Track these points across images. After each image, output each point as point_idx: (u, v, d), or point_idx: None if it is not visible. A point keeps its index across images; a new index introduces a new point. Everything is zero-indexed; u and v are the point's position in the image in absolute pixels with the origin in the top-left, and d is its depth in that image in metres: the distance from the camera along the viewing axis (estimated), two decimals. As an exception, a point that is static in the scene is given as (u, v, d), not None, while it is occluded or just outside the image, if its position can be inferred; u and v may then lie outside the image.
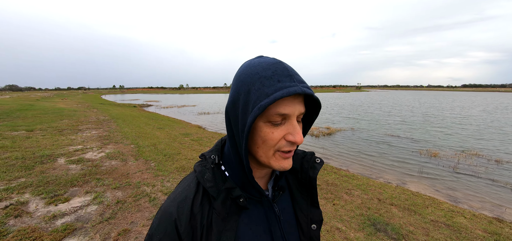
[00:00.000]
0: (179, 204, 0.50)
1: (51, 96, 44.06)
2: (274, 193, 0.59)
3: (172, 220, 0.48)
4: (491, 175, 6.21)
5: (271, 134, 0.47)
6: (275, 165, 0.49)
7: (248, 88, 0.46)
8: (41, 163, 4.45)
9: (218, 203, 0.50)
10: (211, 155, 0.56)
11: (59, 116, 11.91)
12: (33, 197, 3.08)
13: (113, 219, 2.65)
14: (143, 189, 3.45)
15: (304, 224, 0.60)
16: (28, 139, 6.44)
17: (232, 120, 0.50)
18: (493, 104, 34.11)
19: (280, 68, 0.47)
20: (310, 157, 0.64)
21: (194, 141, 7.80)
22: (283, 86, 0.44)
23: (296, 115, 0.48)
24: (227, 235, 0.49)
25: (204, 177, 0.52)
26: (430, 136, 11.15)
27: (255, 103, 0.44)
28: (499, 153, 8.38)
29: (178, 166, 4.69)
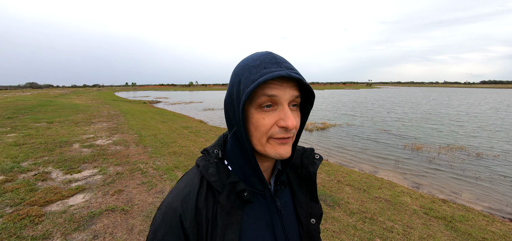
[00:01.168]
0: (183, 198, 0.50)
1: (68, 93, 46.63)
2: (276, 187, 0.60)
3: (177, 215, 0.48)
4: (465, 167, 6.63)
5: (262, 120, 0.47)
6: (271, 152, 0.49)
7: (239, 79, 0.48)
8: (60, 147, 5.43)
9: (222, 197, 0.50)
10: (214, 149, 0.57)
11: (75, 111, 13.16)
12: (54, 169, 4.01)
13: (112, 183, 3.52)
14: (138, 166, 4.33)
15: (303, 218, 0.61)
16: (49, 129, 7.52)
17: (230, 113, 0.52)
18: (507, 101, 33.18)
19: (269, 58, 0.48)
20: (309, 153, 0.65)
21: (191, 132, 8.67)
22: (268, 72, 0.45)
23: (287, 100, 0.48)
24: (232, 228, 0.49)
25: (208, 171, 0.52)
26: (421, 132, 11.51)
27: (243, 90, 0.45)
28: (483, 148, 8.72)
29: (171, 151, 5.55)
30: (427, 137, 10.50)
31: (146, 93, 67.28)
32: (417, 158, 7.48)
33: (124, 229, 2.43)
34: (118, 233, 2.35)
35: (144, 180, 3.72)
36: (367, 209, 3.49)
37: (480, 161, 7.17)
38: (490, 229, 3.35)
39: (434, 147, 8.82)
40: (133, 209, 2.82)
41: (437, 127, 13.00)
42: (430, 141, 9.85)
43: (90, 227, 2.45)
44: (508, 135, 10.73)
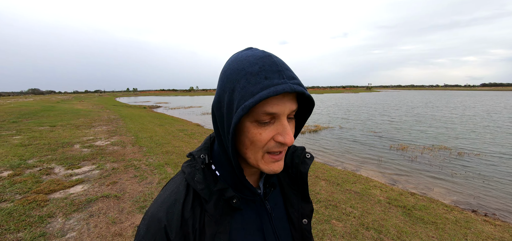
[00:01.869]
0: (168, 208, 0.47)
1: (70, 99, 47.35)
2: (265, 190, 0.58)
3: (162, 227, 0.45)
4: (444, 165, 6.99)
5: (259, 135, 0.44)
6: (264, 168, 0.47)
7: (233, 85, 0.43)
8: (62, 147, 5.90)
9: (210, 206, 0.48)
10: (201, 154, 0.53)
11: (76, 116, 13.68)
12: (57, 166, 4.47)
13: (108, 176, 3.98)
14: (132, 162, 4.79)
15: (295, 219, 0.60)
16: (51, 132, 8.00)
17: (218, 118, 0.48)
18: (502, 104, 33.52)
19: (268, 63, 0.43)
20: (300, 152, 0.63)
21: (187, 135, 9.14)
22: (271, 84, 0.41)
23: (287, 114, 0.45)
24: (221, 237, 0.47)
25: (194, 179, 0.49)
26: (410, 134, 11.91)
27: (239, 103, 0.41)
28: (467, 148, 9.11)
29: (164, 150, 6.01)
30: (414, 139, 10.90)
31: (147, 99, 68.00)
32: (400, 157, 7.88)
33: (116, 210, 2.87)
34: (110, 213, 2.80)
35: (136, 173, 4.18)
36: (334, 199, 3.91)
37: (460, 160, 7.56)
38: (445, 216, 3.76)
39: (419, 148, 9.21)
40: (125, 196, 3.28)
41: (426, 129, 13.39)
42: (416, 142, 10.25)
43: (87, 209, 2.90)
44: (494, 136, 11.11)
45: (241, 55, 0.46)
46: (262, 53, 0.46)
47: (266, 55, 0.45)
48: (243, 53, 0.47)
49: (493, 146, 9.20)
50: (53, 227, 2.51)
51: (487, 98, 51.61)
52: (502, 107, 26.43)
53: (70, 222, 2.62)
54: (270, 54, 0.46)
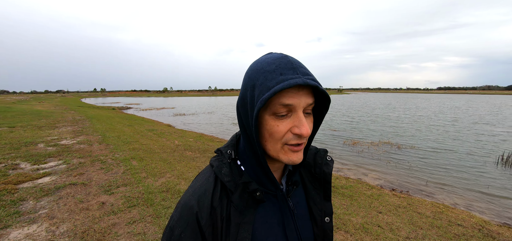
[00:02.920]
0: (199, 197, 0.51)
1: (28, 99, 43.52)
2: (288, 187, 0.61)
3: (194, 213, 0.50)
4: (382, 156, 8.25)
5: (276, 127, 0.48)
6: (284, 159, 0.50)
7: (253, 83, 0.48)
8: (25, 146, 6.00)
9: (236, 197, 0.52)
10: (227, 150, 0.58)
11: (37, 117, 13.10)
12: (22, 162, 4.70)
13: (75, 170, 4.35)
14: (99, 158, 5.17)
15: (318, 216, 0.63)
16: (11, 133, 7.85)
17: (243, 116, 0.52)
18: (448, 105, 37.97)
19: (284, 62, 0.48)
20: (323, 153, 0.66)
21: (155, 134, 9.46)
22: (285, 79, 0.45)
23: (302, 107, 0.48)
24: (245, 227, 0.51)
25: (221, 172, 0.54)
26: (363, 132, 13.41)
27: (258, 97, 0.46)
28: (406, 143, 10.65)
29: (131, 147, 6.39)
30: (366, 136, 12.34)
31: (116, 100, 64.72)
32: (350, 151, 9.05)
33: (83, 194, 3.34)
34: (78, 196, 3.27)
35: (102, 166, 4.60)
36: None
37: (397, 153, 8.92)
38: (364, 192, 4.74)
39: (367, 143, 10.57)
40: (91, 183, 3.73)
41: (379, 127, 15.08)
42: (367, 138, 11.66)
43: (56, 193, 3.33)
44: (432, 133, 12.95)
45: (261, 58, 0.52)
46: (279, 55, 0.50)
47: (283, 56, 0.50)
48: (262, 57, 0.52)
49: (429, 141, 10.82)
50: (25, 207, 2.93)
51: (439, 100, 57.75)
52: (448, 109, 30.09)
53: (41, 203, 3.06)
54: (286, 55, 0.50)
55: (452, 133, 12.90)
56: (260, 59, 0.51)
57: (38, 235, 2.39)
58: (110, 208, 2.99)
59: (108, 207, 3.01)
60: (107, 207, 3.00)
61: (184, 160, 5.56)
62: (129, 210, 2.96)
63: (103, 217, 2.75)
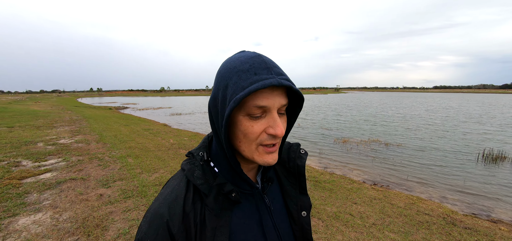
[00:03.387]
0: (170, 204, 0.49)
1: (23, 99, 43.37)
2: (263, 184, 0.61)
3: (164, 222, 0.47)
4: (369, 153, 8.66)
5: (251, 128, 0.47)
6: (258, 160, 0.50)
7: (226, 82, 0.47)
8: (25, 145, 6.27)
9: (210, 200, 0.51)
10: (199, 152, 0.57)
11: (35, 117, 13.29)
12: (24, 160, 4.99)
13: (74, 166, 4.65)
14: (96, 155, 5.46)
15: (294, 212, 0.62)
16: (10, 132, 8.10)
17: (214, 115, 0.51)
18: (441, 104, 38.62)
19: (258, 61, 0.47)
20: (296, 148, 0.67)
21: (151, 134, 9.75)
22: (259, 79, 0.44)
23: (277, 108, 0.48)
24: (222, 231, 0.50)
25: (194, 175, 0.52)
26: (354, 131, 13.82)
27: (231, 97, 0.45)
28: (394, 141, 11.06)
29: (127, 146, 6.69)
30: (356, 134, 12.74)
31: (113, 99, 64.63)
32: (339, 149, 9.42)
33: (82, 187, 3.65)
34: (78, 189, 3.58)
35: (100, 163, 4.91)
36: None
37: (384, 150, 9.32)
38: (344, 186, 5.09)
39: (357, 141, 10.96)
40: (90, 178, 4.04)
41: (370, 126, 15.52)
42: (357, 136, 12.06)
43: (57, 187, 3.63)
44: (421, 132, 13.37)
45: (234, 56, 0.51)
46: (253, 54, 0.50)
47: (256, 55, 0.49)
48: (235, 55, 0.51)
49: (416, 140, 11.22)
50: (30, 199, 3.23)
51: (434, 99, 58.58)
52: (442, 108, 30.65)
53: (44, 195, 3.36)
54: (260, 54, 0.49)
55: (440, 131, 13.34)
56: (233, 58, 0.50)
57: (44, 222, 2.70)
58: (107, 199, 3.31)
59: (105, 198, 3.33)
60: (104, 198, 3.32)
61: (177, 157, 5.88)
62: (125, 200, 3.28)
63: (101, 206, 3.07)
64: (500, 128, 14.43)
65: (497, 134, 12.55)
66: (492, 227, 3.66)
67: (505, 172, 6.96)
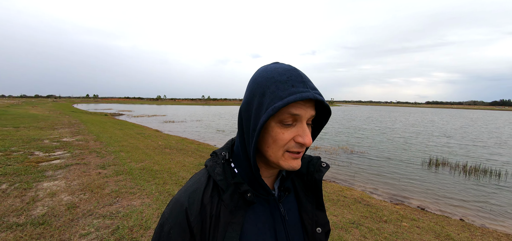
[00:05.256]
0: (190, 195, 0.54)
1: (20, 103, 44.07)
2: (280, 193, 0.62)
3: (183, 210, 0.52)
4: (334, 158, 10.06)
5: (281, 134, 0.50)
6: (284, 165, 0.53)
7: (263, 90, 0.50)
8: (34, 141, 7.48)
9: (226, 196, 0.54)
10: (222, 152, 0.60)
11: (36, 120, 14.41)
12: (36, 151, 6.21)
13: (77, 156, 5.90)
14: (95, 150, 6.72)
15: (309, 226, 0.63)
16: (18, 132, 9.27)
17: (244, 120, 0.54)
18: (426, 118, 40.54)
19: (295, 75, 0.51)
20: (316, 161, 0.67)
21: (143, 136, 11.00)
22: (297, 91, 0.48)
23: (307, 118, 0.51)
24: (234, 227, 0.52)
25: (214, 171, 0.56)
26: (332, 140, 15.23)
27: (269, 105, 0.48)
28: (363, 149, 12.47)
29: (120, 144, 7.94)
30: (330, 143, 14.16)
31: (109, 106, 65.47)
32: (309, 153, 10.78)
33: (85, 168, 4.92)
34: (82, 169, 4.84)
35: (98, 155, 6.17)
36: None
37: (348, 155, 10.71)
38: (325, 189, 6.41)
39: (327, 148, 12.35)
40: (90, 164, 5.30)
41: (346, 137, 16.96)
42: (329, 144, 13.47)
43: (66, 168, 4.88)
44: (389, 142, 14.82)
45: (270, 67, 0.54)
46: (288, 67, 0.53)
47: (292, 68, 0.53)
48: (271, 66, 0.54)
49: (379, 150, 12.43)
50: (47, 174, 4.48)
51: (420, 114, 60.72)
52: (423, 122, 32.40)
53: (57, 172, 4.61)
54: (295, 68, 0.53)
55: (407, 144, 14.75)
56: (270, 68, 0.54)
57: (60, 185, 3.96)
58: (104, 174, 4.57)
59: (102, 174, 4.60)
60: (102, 174, 4.58)
61: (162, 154, 7.15)
62: (117, 176, 4.55)
63: (99, 178, 4.33)
64: (464, 142, 15.99)
65: (457, 147, 13.93)
66: (386, 205, 5.00)
67: (434, 174, 8.43)
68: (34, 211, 3.03)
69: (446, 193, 6.64)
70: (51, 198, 3.46)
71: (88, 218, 2.92)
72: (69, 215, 2.96)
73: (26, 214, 2.94)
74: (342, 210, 4.27)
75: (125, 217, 2.96)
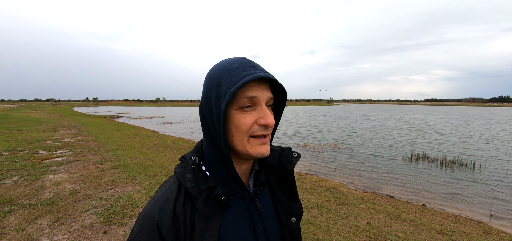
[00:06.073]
0: (161, 206, 0.51)
1: (20, 107, 44.72)
2: (255, 188, 0.62)
3: (154, 223, 0.49)
4: (320, 154, 10.64)
5: (243, 119, 0.51)
6: (252, 152, 0.52)
7: (218, 81, 0.51)
8: (37, 142, 8.08)
9: (200, 203, 0.52)
10: (191, 156, 0.59)
11: (37, 123, 15.02)
12: (40, 150, 6.82)
13: (78, 154, 6.50)
14: (94, 149, 7.33)
15: (284, 217, 0.64)
16: (21, 134, 9.87)
17: (207, 115, 0.54)
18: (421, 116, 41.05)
19: (245, 62, 0.53)
20: (287, 152, 0.68)
21: (139, 137, 11.60)
22: (249, 73, 0.50)
23: (265, 100, 0.52)
24: (210, 233, 0.51)
25: (185, 178, 0.54)
26: (322, 138, 15.84)
27: (226, 92, 0.48)
28: (351, 145, 13.06)
29: (118, 144, 8.54)
30: (318, 140, 14.76)
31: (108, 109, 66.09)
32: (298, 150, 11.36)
33: (85, 164, 5.52)
34: (82, 164, 5.44)
35: (97, 153, 6.78)
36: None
37: (334, 151, 11.29)
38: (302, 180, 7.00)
39: (316, 145, 12.93)
40: (90, 160, 5.91)
41: (337, 134, 17.56)
42: (318, 141, 14.07)
43: (68, 164, 5.49)
44: (377, 140, 15.38)
45: (221, 61, 0.56)
46: (238, 57, 0.55)
47: (242, 57, 0.55)
48: (222, 60, 0.56)
49: (366, 148, 12.78)
50: (52, 169, 5.08)
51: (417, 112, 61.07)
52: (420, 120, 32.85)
53: (61, 167, 5.22)
54: (244, 57, 0.56)
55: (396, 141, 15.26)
56: (221, 62, 0.55)
57: (63, 177, 4.56)
58: (102, 168, 5.18)
59: (100, 168, 5.21)
60: (100, 168, 5.19)
61: (156, 152, 7.75)
62: (113, 169, 5.16)
63: (98, 172, 4.94)
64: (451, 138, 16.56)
65: (444, 143, 14.31)
66: (355, 193, 5.60)
67: (412, 168, 9.04)
68: (43, 196, 3.64)
69: (418, 184, 7.21)
70: (56, 186, 4.07)
71: (87, 200, 3.53)
72: (72, 198, 3.57)
73: (36, 197, 3.56)
74: (310, 196, 4.87)
75: (118, 199, 3.57)
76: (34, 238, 2.56)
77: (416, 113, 54.37)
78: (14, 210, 3.12)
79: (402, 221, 4.01)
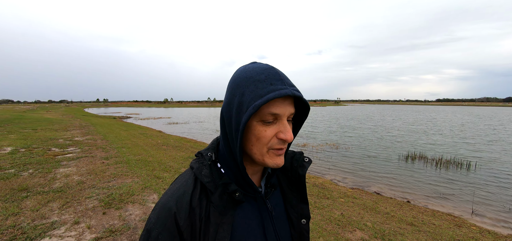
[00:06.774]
0: (178, 198, 0.53)
1: (35, 108, 46.72)
2: (266, 190, 0.64)
3: (172, 214, 0.51)
4: (317, 153, 10.97)
5: (264, 132, 0.52)
6: (269, 162, 0.54)
7: (243, 90, 0.51)
8: (51, 140, 8.77)
9: (215, 197, 0.54)
10: (208, 152, 0.60)
11: (51, 123, 15.93)
12: (53, 147, 7.45)
13: (86, 151, 7.10)
14: (101, 146, 7.93)
15: (294, 219, 0.66)
16: (36, 133, 10.63)
17: (226, 121, 0.55)
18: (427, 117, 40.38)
19: (272, 73, 0.52)
20: (299, 156, 0.69)
21: (145, 136, 12.21)
22: (275, 89, 0.49)
23: (287, 116, 0.53)
24: (224, 227, 0.53)
25: (201, 173, 0.56)
26: (321, 137, 16.09)
27: (249, 104, 0.49)
28: (344, 145, 13.29)
29: (123, 142, 9.14)
30: (319, 139, 15.01)
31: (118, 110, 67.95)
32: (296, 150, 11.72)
33: (92, 159, 6.09)
34: (89, 160, 6.01)
35: (103, 150, 7.36)
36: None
37: (333, 151, 11.55)
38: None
39: (315, 144, 13.21)
40: (96, 156, 6.48)
41: (338, 134, 17.74)
42: (318, 141, 14.34)
43: (77, 159, 6.07)
44: (377, 140, 15.51)
45: (248, 67, 0.55)
46: (266, 66, 0.55)
47: (270, 67, 0.54)
48: (249, 66, 0.56)
49: (364, 148, 12.96)
50: (63, 164, 5.66)
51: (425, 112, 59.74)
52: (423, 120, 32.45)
53: (70, 162, 5.79)
54: (272, 67, 0.55)
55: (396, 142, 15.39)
56: (248, 68, 0.55)
57: (72, 170, 5.12)
58: (107, 163, 5.73)
59: (105, 163, 5.76)
60: (105, 163, 5.75)
61: (158, 150, 8.29)
62: (117, 164, 5.70)
63: (103, 166, 5.48)
64: (455, 139, 16.48)
65: (447, 145, 14.21)
66: (340, 189, 5.93)
67: (406, 169, 9.24)
68: (54, 185, 4.19)
69: (409, 183, 7.39)
70: (65, 178, 4.62)
71: (92, 189, 4.05)
72: (79, 187, 4.10)
73: (48, 186, 4.11)
74: (295, 190, 5.25)
75: (118, 188, 4.08)
76: (46, 216, 3.08)
77: (424, 113, 53.36)
78: (30, 196, 3.67)
79: (376, 213, 4.33)
